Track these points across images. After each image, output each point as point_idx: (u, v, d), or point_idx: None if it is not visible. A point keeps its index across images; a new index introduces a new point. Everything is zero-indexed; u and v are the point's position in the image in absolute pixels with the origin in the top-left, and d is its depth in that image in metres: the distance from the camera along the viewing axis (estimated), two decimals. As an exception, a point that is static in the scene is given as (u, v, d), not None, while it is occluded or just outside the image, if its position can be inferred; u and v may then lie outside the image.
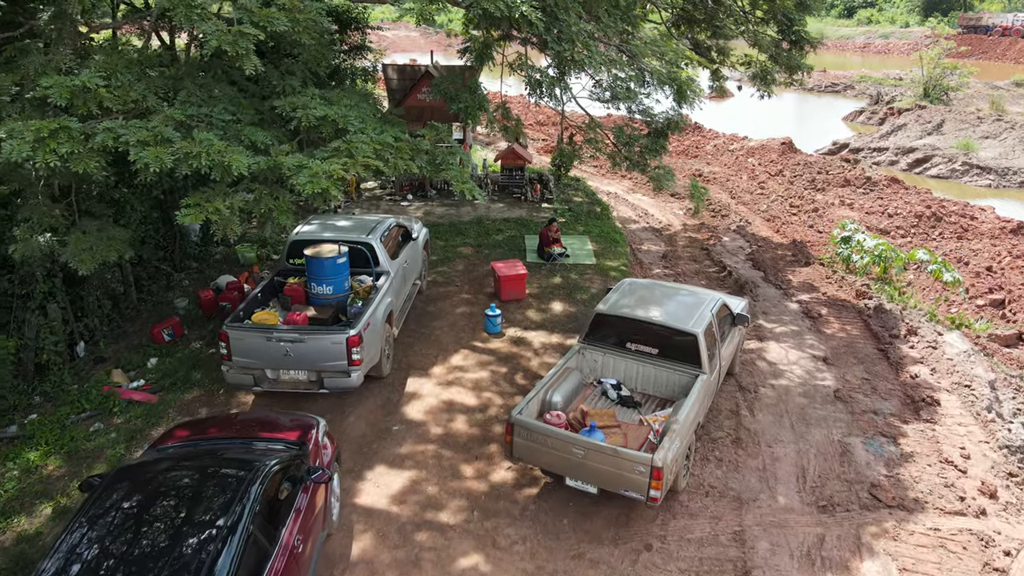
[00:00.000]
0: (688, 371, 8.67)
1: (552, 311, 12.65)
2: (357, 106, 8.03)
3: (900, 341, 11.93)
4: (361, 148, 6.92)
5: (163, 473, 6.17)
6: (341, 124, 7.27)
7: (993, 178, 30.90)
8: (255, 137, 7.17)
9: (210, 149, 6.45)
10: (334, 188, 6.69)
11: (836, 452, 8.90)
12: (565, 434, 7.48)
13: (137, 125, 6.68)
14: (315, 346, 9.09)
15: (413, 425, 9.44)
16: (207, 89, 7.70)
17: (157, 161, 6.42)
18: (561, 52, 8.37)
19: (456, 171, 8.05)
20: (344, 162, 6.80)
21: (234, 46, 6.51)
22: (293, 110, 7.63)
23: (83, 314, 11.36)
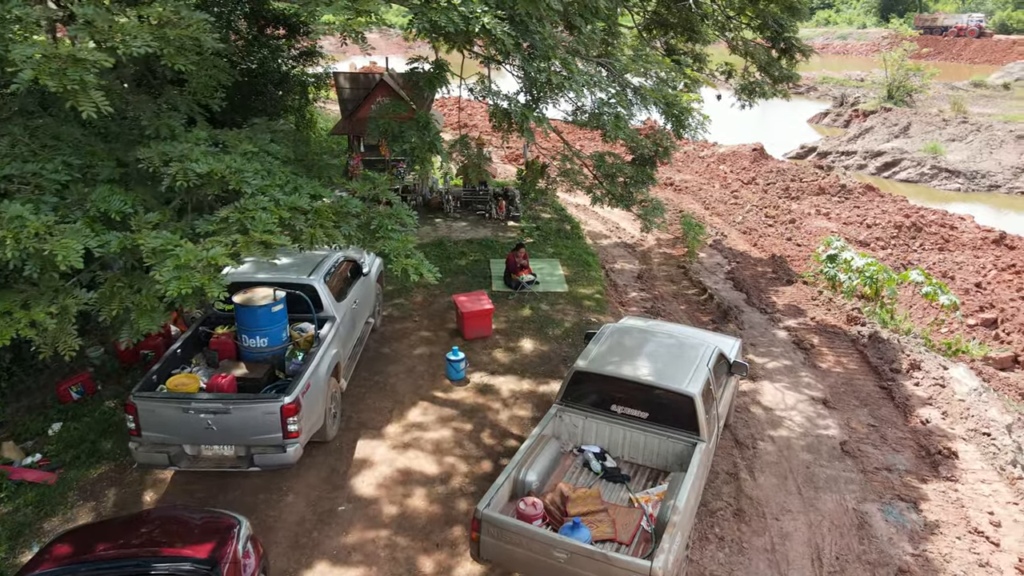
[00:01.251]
0: (684, 438, 7.42)
1: (522, 350, 11.32)
2: (259, 154, 6.41)
3: (903, 377, 10.87)
4: (260, 218, 5.39)
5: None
6: (233, 183, 5.68)
7: (962, 182, 30.49)
8: (107, 204, 5.55)
9: (21, 233, 4.81)
10: (213, 286, 5.11)
11: (852, 524, 7.74)
12: (544, 534, 6.15)
13: None
14: (243, 417, 7.63)
15: (363, 503, 8.04)
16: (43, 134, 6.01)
17: None
18: (534, 73, 6.92)
19: (397, 241, 6.38)
20: (233, 241, 5.27)
21: (60, 79, 4.71)
22: (165, 163, 5.78)
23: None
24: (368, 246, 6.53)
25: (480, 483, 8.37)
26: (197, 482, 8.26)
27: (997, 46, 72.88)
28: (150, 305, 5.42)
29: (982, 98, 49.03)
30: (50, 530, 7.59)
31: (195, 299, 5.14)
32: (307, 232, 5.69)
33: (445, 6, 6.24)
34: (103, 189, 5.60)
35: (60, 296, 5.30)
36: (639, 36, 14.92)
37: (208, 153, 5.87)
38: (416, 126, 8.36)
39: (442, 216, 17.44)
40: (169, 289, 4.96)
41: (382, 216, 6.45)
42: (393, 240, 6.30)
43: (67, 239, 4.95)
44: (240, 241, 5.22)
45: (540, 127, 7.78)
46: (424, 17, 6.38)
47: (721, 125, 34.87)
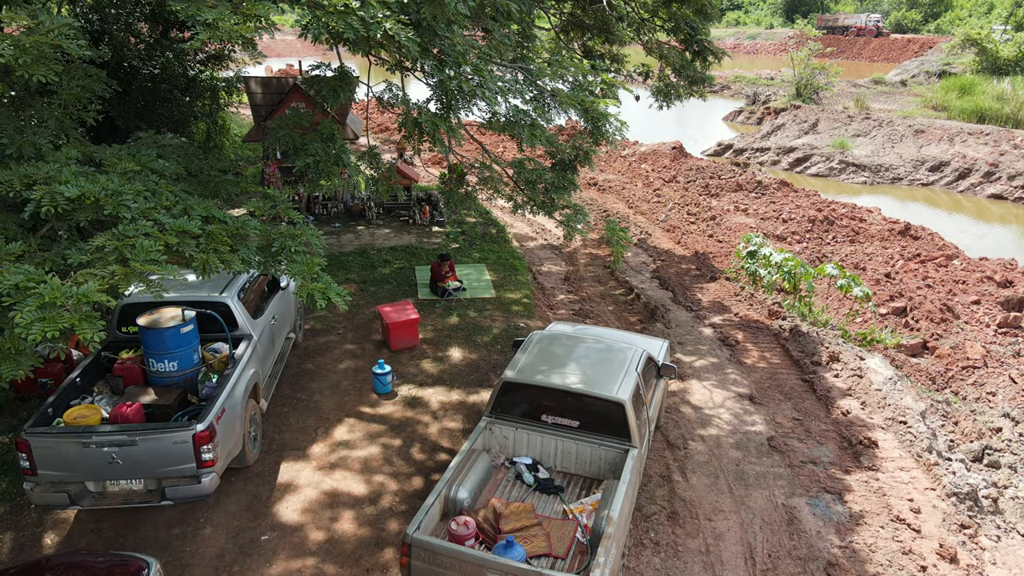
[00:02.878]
0: (615, 445, 7.34)
1: (450, 360, 11.08)
2: (143, 172, 5.90)
3: (823, 369, 11.16)
4: (141, 245, 4.94)
5: None
6: (109, 207, 5.16)
7: (868, 175, 31.87)
8: None
9: None
10: (86, 326, 4.63)
11: (782, 520, 7.83)
12: (477, 555, 5.94)
13: None
14: (151, 448, 7.13)
15: (287, 531, 7.65)
16: None
17: None
18: (445, 80, 6.62)
19: (303, 264, 5.94)
20: (111, 273, 4.82)
21: None
22: (27, 186, 5.18)
23: None
24: (269, 270, 6.11)
25: (411, 501, 8.10)
26: (104, 520, 7.70)
27: (894, 45, 76.76)
28: (14, 348, 4.84)
29: (882, 95, 51.42)
30: (-64, 584, 6.91)
31: (66, 340, 4.60)
32: (199, 258, 5.26)
33: (343, 10, 5.89)
34: None
35: None
36: (556, 38, 14.89)
37: (80, 174, 5.34)
38: (320, 137, 7.94)
39: (364, 223, 17.01)
40: (31, 333, 4.41)
41: (284, 237, 6.05)
42: (298, 263, 5.90)
43: None
44: (118, 272, 4.73)
45: (453, 136, 7.52)
46: (319, 22, 5.98)
47: (640, 124, 35.47)
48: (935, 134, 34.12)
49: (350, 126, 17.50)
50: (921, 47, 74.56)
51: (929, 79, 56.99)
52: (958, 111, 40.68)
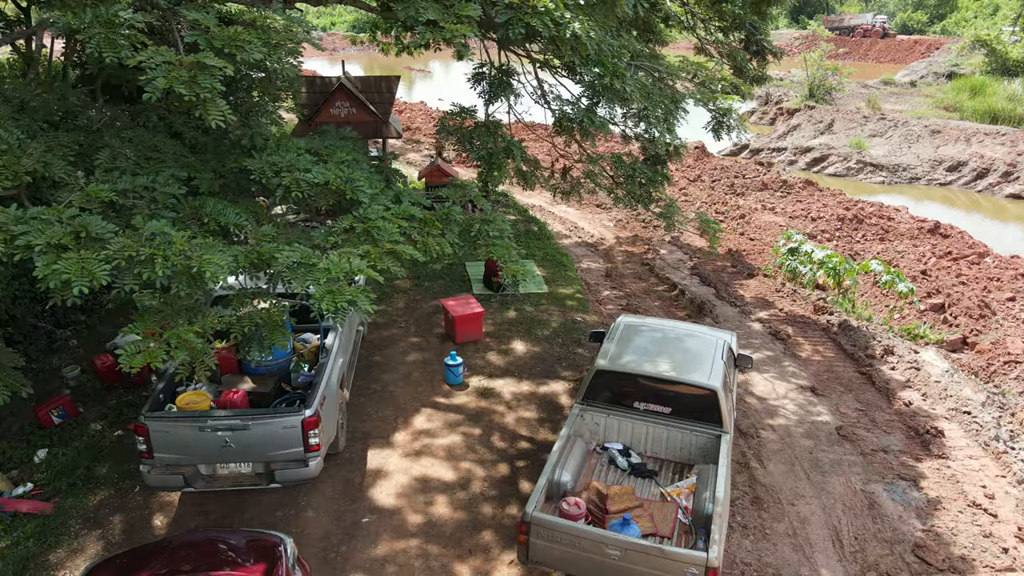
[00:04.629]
0: (707, 431, 7.61)
1: (515, 353, 11.34)
2: (357, 162, 6.25)
3: (879, 362, 11.43)
4: (385, 228, 5.29)
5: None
6: (349, 193, 5.53)
7: (885, 175, 32.12)
8: (223, 217, 5.38)
9: (168, 249, 4.59)
10: (364, 300, 4.99)
11: (863, 505, 8.10)
12: (599, 533, 6.21)
13: (42, 217, 4.65)
14: (262, 433, 7.39)
15: (386, 514, 7.91)
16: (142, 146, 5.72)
17: (83, 276, 4.36)
18: (597, 79, 6.91)
19: (503, 248, 6.30)
20: (364, 252, 5.14)
21: (192, 87, 4.52)
22: (276, 173, 5.62)
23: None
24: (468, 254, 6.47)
25: (500, 487, 8.36)
26: (209, 503, 7.96)
27: (900, 46, 77.02)
28: (280, 320, 5.19)
29: (892, 95, 51.69)
30: (56, 563, 7.18)
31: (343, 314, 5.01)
32: (421, 241, 5.62)
33: (542, 11, 6.19)
34: (214, 202, 5.36)
35: (199, 316, 5.03)
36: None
37: (314, 162, 5.68)
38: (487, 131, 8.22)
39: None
40: (324, 304, 4.76)
41: (480, 222, 6.40)
42: (497, 247, 6.26)
43: (208, 254, 4.71)
44: (372, 252, 5.10)
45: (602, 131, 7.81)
46: (519, 24, 6.28)
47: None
48: (952, 134, 34.42)
49: (392, 124, 17.77)
50: (928, 48, 74.86)
51: (938, 80, 57.22)
52: (971, 112, 40.95)
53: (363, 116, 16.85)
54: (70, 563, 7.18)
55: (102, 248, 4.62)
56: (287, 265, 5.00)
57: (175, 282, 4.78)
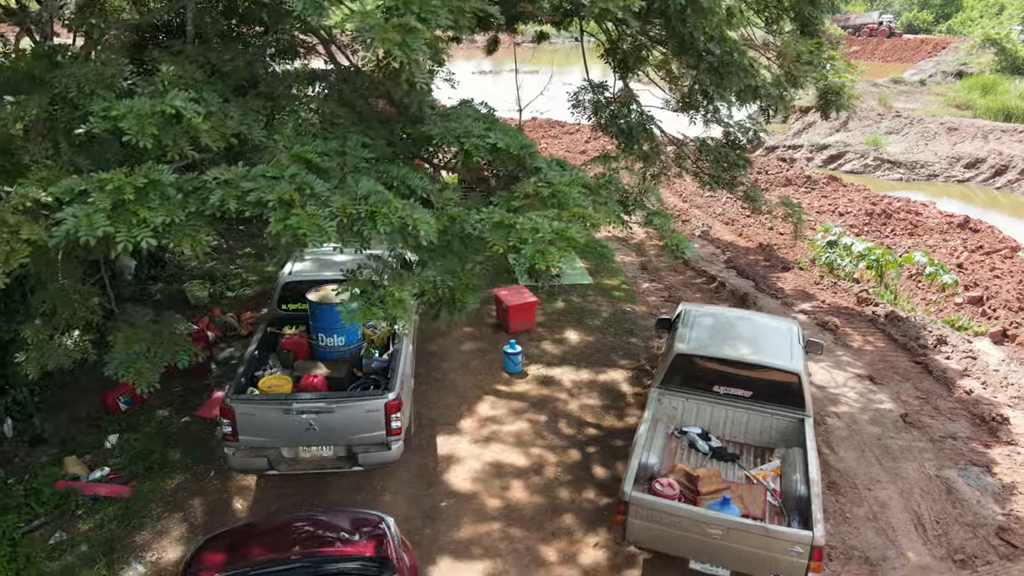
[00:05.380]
0: (789, 414, 7.62)
1: (569, 342, 11.35)
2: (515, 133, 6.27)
3: (933, 352, 11.43)
4: (570, 195, 5.31)
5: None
6: (528, 160, 5.56)
7: (903, 172, 32.13)
8: (410, 181, 5.42)
9: (387, 206, 4.64)
10: (565, 257, 5.02)
11: (940, 490, 8.11)
12: (701, 512, 6.22)
13: (267, 175, 4.71)
14: (346, 416, 7.39)
15: (463, 498, 7.91)
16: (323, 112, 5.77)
17: (316, 230, 4.43)
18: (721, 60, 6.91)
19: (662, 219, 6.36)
20: (555, 215, 5.16)
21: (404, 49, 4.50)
22: (456, 139, 5.66)
23: (7, 383, 9.04)
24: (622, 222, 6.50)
25: (574, 472, 8.36)
26: (287, 486, 7.96)
27: (907, 45, 77.08)
28: (471, 283, 5.48)
29: (903, 94, 51.70)
30: (143, 544, 7.19)
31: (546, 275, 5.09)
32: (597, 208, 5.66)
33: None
34: (397, 167, 5.39)
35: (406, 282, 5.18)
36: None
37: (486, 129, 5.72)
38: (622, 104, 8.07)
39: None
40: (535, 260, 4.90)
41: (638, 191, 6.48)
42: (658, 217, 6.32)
43: (418, 214, 4.83)
44: (563, 216, 5.15)
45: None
46: None
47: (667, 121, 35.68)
48: (968, 131, 34.45)
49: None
50: (934, 48, 74.88)
51: (946, 79, 57.21)
52: (983, 109, 40.97)
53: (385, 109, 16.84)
54: (156, 544, 7.18)
55: (324, 205, 4.68)
56: (489, 225, 5.03)
57: (390, 239, 4.83)
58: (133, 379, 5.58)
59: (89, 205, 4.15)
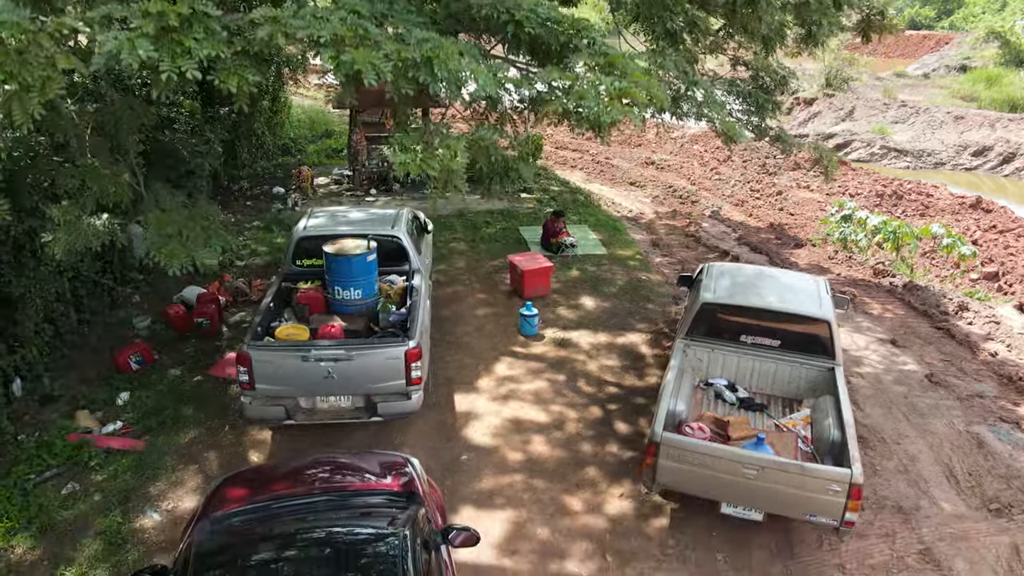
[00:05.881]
0: (818, 364, 7.44)
1: (585, 308, 11.17)
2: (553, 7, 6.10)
3: (954, 318, 11.26)
4: (627, 64, 5.12)
5: (264, 551, 4.31)
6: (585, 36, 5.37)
7: (910, 160, 31.94)
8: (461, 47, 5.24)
9: (443, 51, 4.51)
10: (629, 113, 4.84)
11: (971, 445, 7.93)
12: (735, 452, 6.05)
13: (317, 15, 4.58)
14: (365, 364, 7.22)
15: (484, 452, 7.74)
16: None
17: (371, 68, 4.35)
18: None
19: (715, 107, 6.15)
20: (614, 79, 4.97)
21: None
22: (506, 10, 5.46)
23: (16, 342, 8.86)
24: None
25: (596, 428, 8.19)
26: (303, 439, 7.77)
27: (909, 41, 76.85)
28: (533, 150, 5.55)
29: (907, 87, 51.50)
30: (158, 494, 7.02)
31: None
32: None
33: None
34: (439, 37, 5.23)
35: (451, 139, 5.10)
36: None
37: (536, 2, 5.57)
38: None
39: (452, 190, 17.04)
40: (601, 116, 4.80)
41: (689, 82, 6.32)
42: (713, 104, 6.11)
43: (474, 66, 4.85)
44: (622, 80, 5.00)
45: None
46: None
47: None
48: (975, 120, 34.26)
49: (437, 94, 17.58)
50: (937, 43, 74.61)
51: (950, 73, 56.99)
52: (989, 101, 40.81)
53: (408, 84, 16.66)
54: (172, 494, 7.01)
55: (378, 48, 4.58)
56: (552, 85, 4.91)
57: (446, 89, 4.71)
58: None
59: (132, 31, 4.02)
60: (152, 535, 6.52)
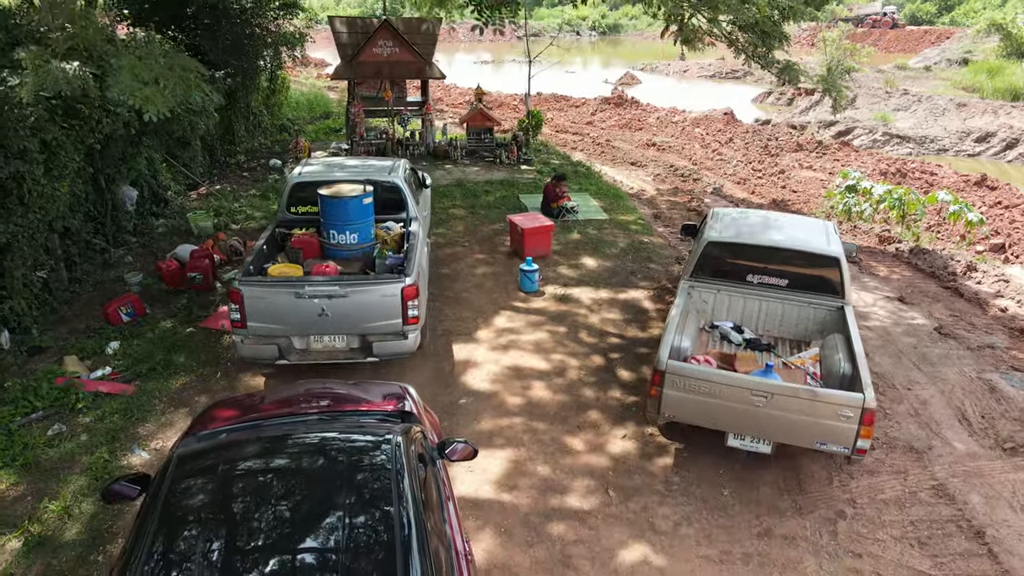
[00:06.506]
0: (826, 303, 7.23)
1: (586, 267, 10.97)
2: None
3: (962, 278, 11.06)
4: None
5: (250, 458, 4.10)
6: None
7: (912, 147, 31.70)
8: None
9: None
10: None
11: (983, 390, 7.72)
12: (744, 378, 5.84)
13: None
14: (360, 301, 7.00)
15: (482, 397, 7.52)
16: None
17: None
18: None
19: None
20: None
21: None
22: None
23: (4, 292, 8.65)
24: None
25: (598, 375, 7.98)
26: (297, 384, 7.54)
27: (910, 36, 76.71)
28: None
29: (908, 79, 51.35)
30: (147, 435, 6.80)
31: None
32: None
33: None
34: None
35: None
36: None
37: None
38: None
39: (451, 163, 16.88)
40: None
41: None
42: None
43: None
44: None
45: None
46: None
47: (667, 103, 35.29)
48: (978, 107, 34.12)
49: (436, 64, 17.41)
50: (938, 38, 74.45)
51: (951, 66, 56.84)
52: (991, 91, 40.64)
53: (406, 56, 16.50)
54: (161, 435, 6.79)
55: None
56: None
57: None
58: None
59: None
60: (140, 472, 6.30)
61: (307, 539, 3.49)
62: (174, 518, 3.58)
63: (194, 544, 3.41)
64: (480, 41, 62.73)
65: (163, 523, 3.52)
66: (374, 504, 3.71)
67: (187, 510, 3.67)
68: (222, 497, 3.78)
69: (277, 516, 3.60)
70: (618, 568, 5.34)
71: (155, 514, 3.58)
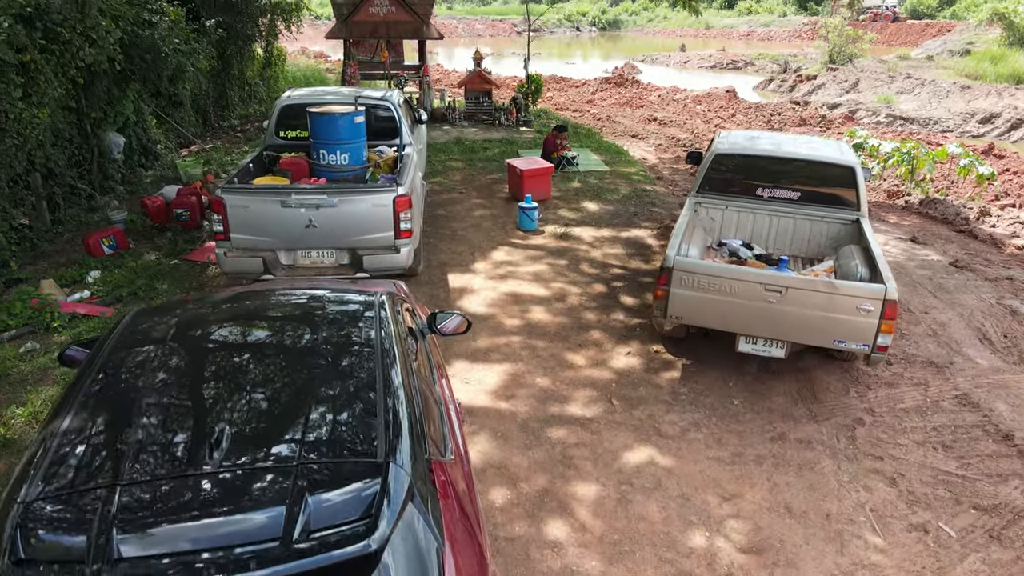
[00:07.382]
0: (842, 216, 6.88)
1: (587, 210, 10.61)
2: None
3: (976, 222, 10.70)
4: None
5: (218, 319, 3.71)
6: None
7: (916, 128, 31.30)
8: None
9: None
10: None
11: (1003, 313, 7.37)
12: (757, 272, 5.48)
13: None
14: (350, 211, 6.65)
15: (479, 319, 7.16)
16: None
17: None
18: None
19: None
20: None
21: None
22: None
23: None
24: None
25: (599, 300, 7.62)
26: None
27: (911, 30, 76.39)
28: None
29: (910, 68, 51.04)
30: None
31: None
32: None
33: None
34: None
35: None
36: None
37: None
38: None
39: (449, 125, 16.52)
40: None
41: None
42: None
43: None
44: None
45: None
46: None
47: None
48: (982, 90, 33.79)
49: (434, 26, 17.06)
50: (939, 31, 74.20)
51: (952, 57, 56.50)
52: (994, 77, 40.29)
53: (402, 15, 16.15)
54: (139, 349, 6.42)
55: None
56: None
57: None
58: None
59: None
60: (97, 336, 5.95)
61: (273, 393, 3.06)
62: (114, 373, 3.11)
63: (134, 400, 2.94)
64: (480, 36, 62.58)
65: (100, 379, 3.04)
66: (355, 353, 3.34)
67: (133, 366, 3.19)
68: (180, 351, 3.35)
69: (243, 370, 3.19)
70: (622, 467, 4.98)
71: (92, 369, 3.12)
